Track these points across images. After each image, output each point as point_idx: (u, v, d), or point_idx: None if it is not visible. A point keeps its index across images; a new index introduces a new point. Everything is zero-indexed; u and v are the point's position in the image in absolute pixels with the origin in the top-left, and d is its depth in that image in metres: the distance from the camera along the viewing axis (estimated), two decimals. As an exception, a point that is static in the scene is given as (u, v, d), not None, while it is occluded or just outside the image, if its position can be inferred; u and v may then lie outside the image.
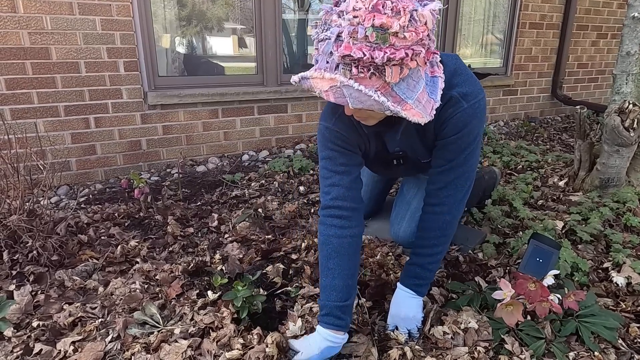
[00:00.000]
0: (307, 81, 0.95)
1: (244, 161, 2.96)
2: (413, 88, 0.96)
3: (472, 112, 1.14)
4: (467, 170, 1.23)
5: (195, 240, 1.87)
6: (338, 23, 0.89)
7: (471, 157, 1.21)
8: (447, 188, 1.24)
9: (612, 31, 4.59)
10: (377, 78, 0.90)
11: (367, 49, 0.86)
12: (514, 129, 3.99)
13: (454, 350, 1.19)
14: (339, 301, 1.15)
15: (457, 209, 1.27)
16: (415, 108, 0.97)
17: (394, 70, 0.89)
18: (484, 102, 1.19)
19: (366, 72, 0.89)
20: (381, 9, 0.86)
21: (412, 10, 0.87)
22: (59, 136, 2.47)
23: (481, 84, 1.21)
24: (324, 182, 1.23)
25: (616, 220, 1.95)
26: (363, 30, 0.85)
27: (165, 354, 1.18)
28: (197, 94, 2.77)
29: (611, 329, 1.25)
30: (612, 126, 2.02)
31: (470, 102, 1.14)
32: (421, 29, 0.89)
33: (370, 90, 0.90)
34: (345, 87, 0.90)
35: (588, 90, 4.76)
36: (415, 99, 0.97)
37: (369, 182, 1.93)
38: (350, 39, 0.87)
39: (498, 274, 1.58)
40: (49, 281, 1.56)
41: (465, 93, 1.13)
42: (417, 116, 0.97)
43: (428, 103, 1.02)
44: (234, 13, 3.11)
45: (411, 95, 0.96)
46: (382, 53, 0.86)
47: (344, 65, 0.89)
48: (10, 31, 2.22)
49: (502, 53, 4.14)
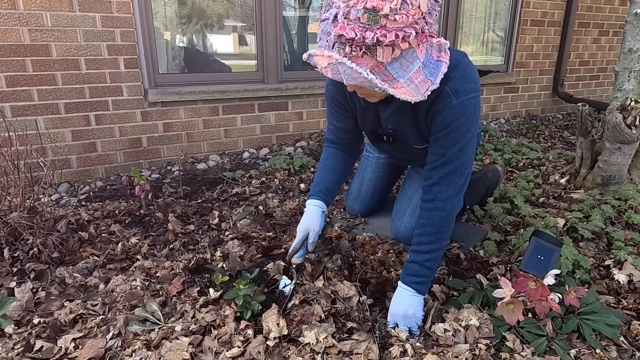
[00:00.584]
0: (312, 58, 1.02)
1: (244, 159, 2.96)
2: (406, 68, 1.01)
3: (460, 109, 1.17)
4: (459, 167, 1.24)
5: (196, 238, 1.87)
6: (337, 4, 0.95)
7: (462, 154, 1.23)
8: (439, 184, 1.26)
9: (614, 28, 4.58)
10: (369, 57, 0.96)
11: (359, 29, 0.92)
12: (515, 126, 3.98)
13: (455, 347, 1.19)
14: (329, 185, 1.45)
15: (450, 205, 1.27)
16: (407, 87, 1.02)
17: (385, 51, 0.95)
18: (476, 101, 1.20)
19: (358, 51, 0.95)
20: None
21: None
22: (60, 133, 2.47)
23: (479, 84, 1.22)
24: (328, 121, 1.51)
25: (618, 217, 1.95)
26: (356, 12, 0.91)
27: (166, 351, 1.18)
28: (198, 92, 2.76)
29: (613, 327, 1.25)
30: (614, 123, 2.01)
31: (459, 99, 1.17)
32: (413, 11, 0.93)
33: (362, 68, 0.96)
34: (339, 64, 0.97)
35: (589, 87, 4.74)
36: (408, 78, 1.01)
37: (372, 177, 1.93)
38: (345, 20, 0.93)
39: (499, 271, 1.58)
40: (50, 278, 1.56)
41: (457, 90, 1.16)
42: (406, 94, 1.02)
43: (423, 83, 1.05)
44: (234, 10, 3.11)
45: (403, 74, 1.01)
46: (372, 34, 0.92)
47: (339, 44, 0.96)
48: (10, 28, 2.21)
49: (503, 50, 4.13)
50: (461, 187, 1.27)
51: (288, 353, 1.18)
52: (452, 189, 1.26)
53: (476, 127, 1.24)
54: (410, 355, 1.16)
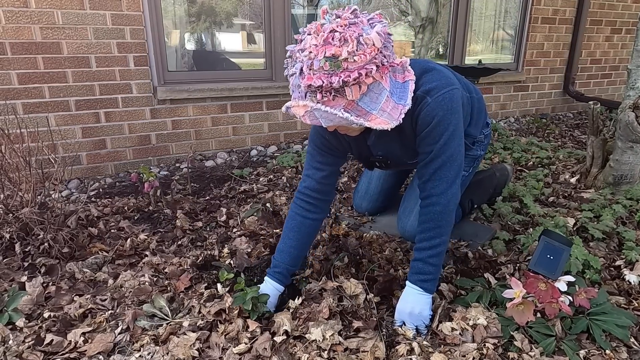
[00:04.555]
0: (290, 109, 1.09)
1: (252, 156, 2.97)
2: (376, 100, 1.08)
3: (436, 104, 1.22)
4: (447, 160, 1.26)
5: (204, 234, 1.88)
6: (300, 59, 1.04)
7: (448, 147, 1.25)
8: (431, 180, 1.29)
9: (627, 26, 4.51)
10: (340, 98, 1.04)
11: (324, 76, 1.00)
12: (525, 125, 3.94)
13: (463, 346, 1.18)
14: (290, 265, 1.41)
15: (445, 199, 1.28)
16: (380, 117, 1.09)
17: (353, 89, 1.03)
18: (452, 94, 1.24)
19: (329, 95, 1.03)
20: (331, 41, 1.00)
21: (358, 36, 1.00)
22: (70, 130, 2.49)
23: (454, 79, 1.27)
24: (304, 170, 1.46)
25: (629, 217, 1.92)
26: (318, 62, 1.00)
27: (173, 346, 1.19)
28: (206, 89, 2.77)
29: (623, 327, 1.23)
30: (627, 122, 1.98)
31: (434, 96, 1.22)
32: (369, 50, 1.01)
33: (336, 109, 1.04)
34: (315, 110, 1.04)
35: (601, 86, 4.68)
36: (379, 109, 1.09)
37: (381, 174, 1.93)
38: (309, 71, 1.02)
39: (508, 270, 1.56)
40: (60, 273, 1.58)
41: (428, 89, 1.22)
42: (382, 124, 1.09)
43: (395, 109, 1.11)
44: (243, 9, 3.11)
45: (375, 106, 1.08)
46: (337, 78, 1.00)
47: (310, 93, 1.04)
48: (23, 26, 2.24)
49: (513, 48, 4.08)
50: (453, 180, 1.29)
51: (294, 350, 1.18)
52: (445, 182, 1.28)
53: (458, 119, 1.26)
54: (417, 353, 1.16)
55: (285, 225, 1.45)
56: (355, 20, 1.03)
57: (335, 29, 1.01)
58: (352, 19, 1.03)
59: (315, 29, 1.03)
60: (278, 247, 1.43)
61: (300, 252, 1.44)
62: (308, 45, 1.02)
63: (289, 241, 1.42)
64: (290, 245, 1.41)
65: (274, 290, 1.38)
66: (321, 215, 1.46)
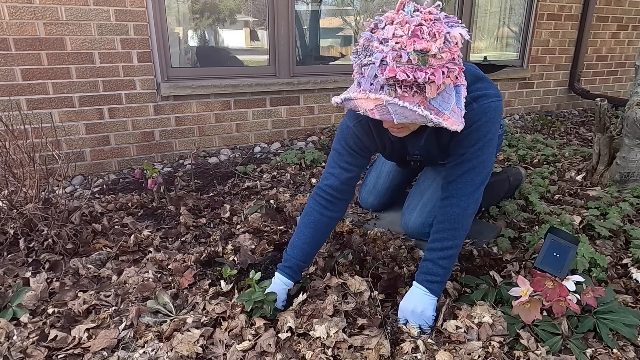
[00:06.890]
0: (350, 102, 1.05)
1: (255, 153, 2.96)
2: (447, 100, 1.07)
3: (480, 111, 1.22)
4: (477, 165, 1.26)
5: (208, 231, 1.88)
6: (380, 49, 0.98)
7: (481, 153, 1.25)
8: (456, 181, 1.28)
9: (634, 22, 4.46)
10: (419, 95, 1.01)
11: (410, 70, 0.96)
12: (530, 122, 3.92)
13: (468, 344, 1.17)
14: (301, 261, 1.36)
15: (465, 202, 1.27)
16: (452, 117, 1.07)
17: (432, 87, 1.00)
18: (497, 105, 1.26)
19: (410, 91, 0.99)
20: (419, 34, 0.96)
21: (445, 33, 0.98)
22: (74, 126, 2.49)
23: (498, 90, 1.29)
24: (328, 168, 1.42)
25: (636, 215, 1.91)
26: (406, 55, 0.95)
27: (177, 343, 1.19)
28: (210, 85, 2.76)
29: (630, 326, 1.22)
30: (634, 119, 1.96)
31: (480, 103, 1.22)
32: (454, 49, 1.00)
33: (414, 105, 1.00)
34: (390, 105, 1.00)
35: (607, 83, 4.64)
36: (450, 109, 1.07)
37: (391, 170, 1.91)
38: (394, 63, 0.96)
39: (513, 268, 1.55)
40: (64, 269, 1.58)
41: (477, 96, 1.22)
42: (454, 124, 1.07)
43: (459, 111, 1.11)
44: (246, 5, 3.10)
45: (447, 106, 1.06)
46: (423, 74, 0.97)
47: (389, 86, 0.99)
48: (26, 22, 2.24)
49: (518, 45, 4.05)
50: (478, 186, 1.28)
51: (299, 347, 1.18)
52: (470, 186, 1.27)
53: (496, 129, 1.27)
54: (422, 351, 1.15)
55: (301, 221, 1.41)
56: (438, 16, 1.00)
57: (422, 22, 0.97)
58: (436, 15, 1.00)
59: (400, 19, 0.98)
60: (291, 242, 1.39)
61: (313, 249, 1.40)
62: (391, 36, 0.97)
63: (302, 237, 1.38)
64: (304, 241, 1.37)
65: (282, 286, 1.34)
66: (338, 214, 1.42)
